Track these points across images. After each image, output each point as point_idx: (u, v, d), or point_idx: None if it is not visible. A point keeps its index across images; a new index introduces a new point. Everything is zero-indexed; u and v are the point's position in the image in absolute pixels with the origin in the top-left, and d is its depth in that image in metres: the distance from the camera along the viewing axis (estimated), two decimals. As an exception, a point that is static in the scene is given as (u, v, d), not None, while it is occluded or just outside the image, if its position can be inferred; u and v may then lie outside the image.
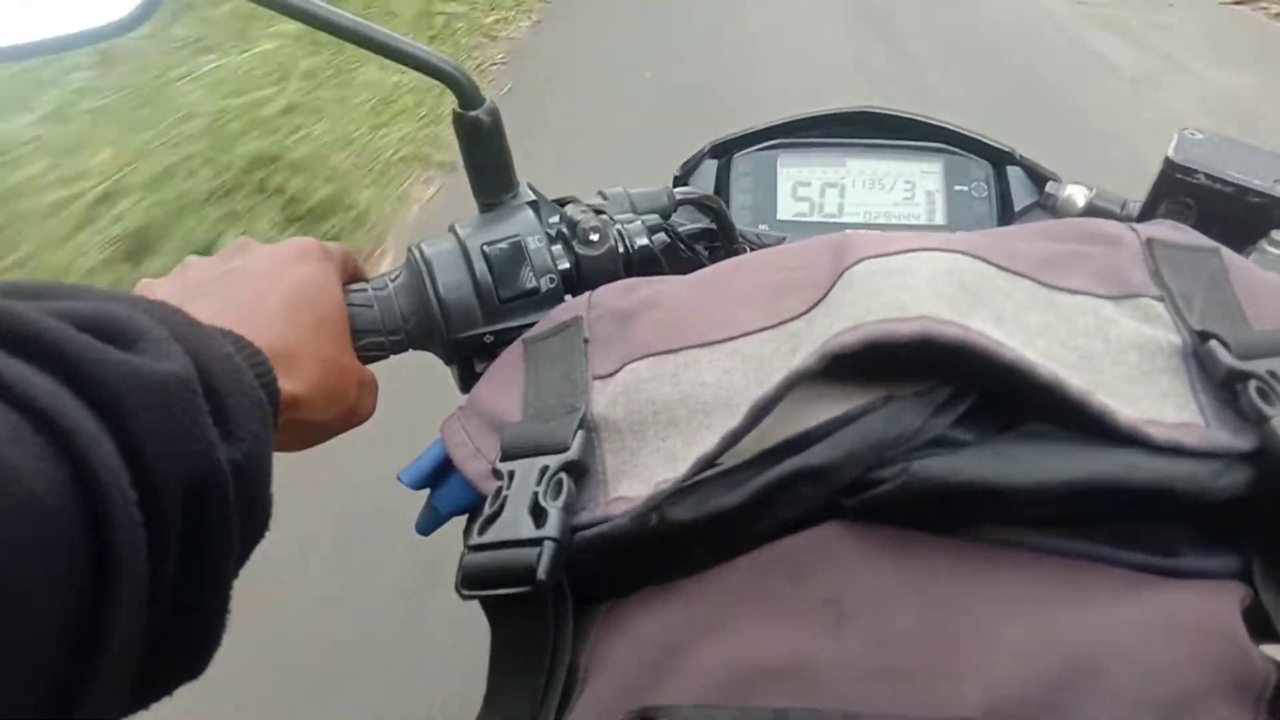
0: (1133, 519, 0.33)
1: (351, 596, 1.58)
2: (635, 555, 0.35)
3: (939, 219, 0.69)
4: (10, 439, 0.23)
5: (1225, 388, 0.34)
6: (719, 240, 0.64)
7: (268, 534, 0.34)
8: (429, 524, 0.49)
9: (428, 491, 0.48)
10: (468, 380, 0.52)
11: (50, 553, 0.23)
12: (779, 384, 0.34)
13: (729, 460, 0.35)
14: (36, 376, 0.25)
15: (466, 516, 0.46)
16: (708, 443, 0.35)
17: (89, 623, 0.24)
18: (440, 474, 0.47)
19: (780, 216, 0.70)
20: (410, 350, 0.51)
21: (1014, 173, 0.70)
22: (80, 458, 0.24)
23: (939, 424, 0.34)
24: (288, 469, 0.39)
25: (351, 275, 0.50)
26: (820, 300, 0.39)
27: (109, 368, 0.26)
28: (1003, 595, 0.32)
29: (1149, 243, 0.41)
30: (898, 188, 0.70)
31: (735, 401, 0.36)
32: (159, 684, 0.29)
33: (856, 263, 0.39)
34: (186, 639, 0.30)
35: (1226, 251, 0.42)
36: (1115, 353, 0.36)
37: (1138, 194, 0.61)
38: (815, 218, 0.70)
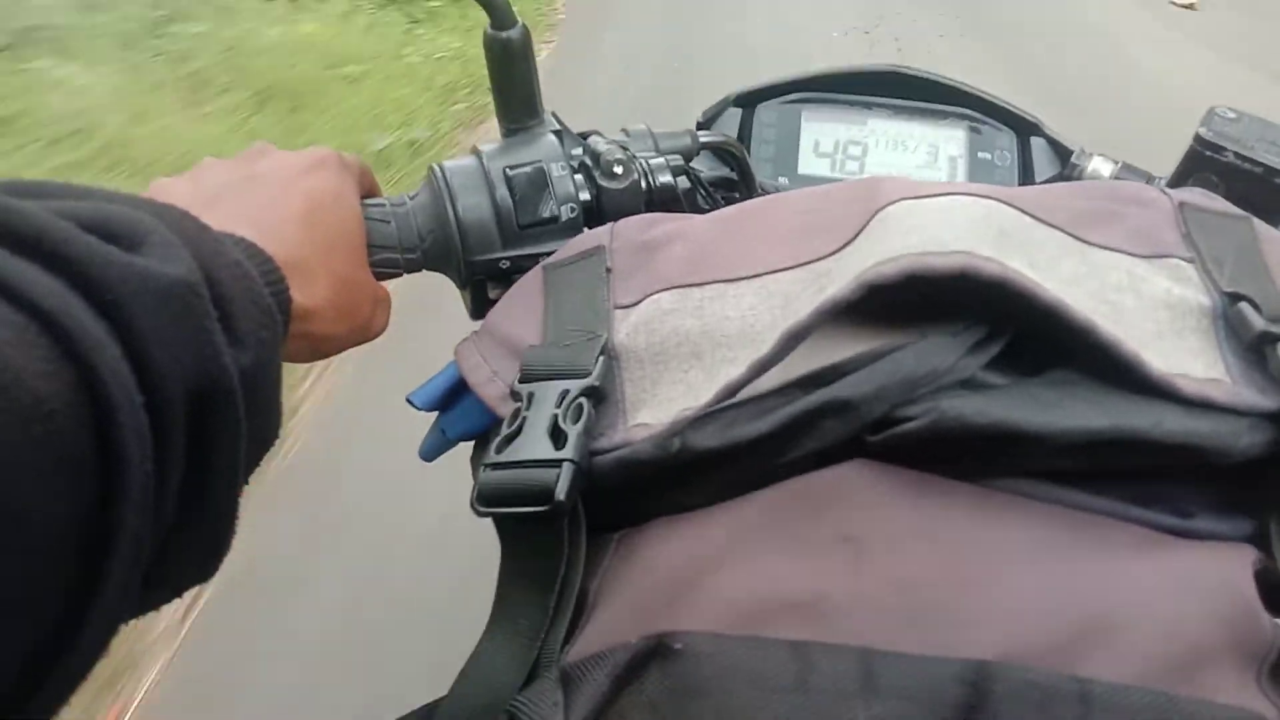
0: (1151, 479, 0.33)
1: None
2: (653, 482, 0.35)
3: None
4: (14, 341, 0.23)
5: (1254, 349, 0.34)
6: (738, 190, 0.63)
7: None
8: (435, 449, 0.48)
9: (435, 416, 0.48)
10: (481, 306, 0.51)
11: (55, 455, 0.23)
12: (813, 312, 0.34)
13: (756, 390, 0.35)
14: (42, 277, 0.24)
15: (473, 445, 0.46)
16: (733, 372, 0.35)
17: (96, 525, 0.24)
18: (451, 397, 0.46)
19: (801, 171, 0.69)
20: (425, 270, 0.51)
21: (1038, 143, 0.69)
22: (85, 361, 0.24)
23: (971, 364, 0.34)
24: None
25: (368, 190, 0.49)
26: (852, 240, 0.38)
27: (115, 270, 0.26)
28: (1020, 544, 0.32)
29: (1181, 206, 0.41)
30: (920, 150, 0.69)
31: (762, 336, 0.36)
32: (168, 587, 0.29)
33: (891, 203, 0.38)
34: (196, 543, 0.29)
35: (1257, 221, 0.41)
36: (1146, 308, 0.35)
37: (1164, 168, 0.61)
38: (836, 174, 0.69)
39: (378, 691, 1.31)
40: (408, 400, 0.47)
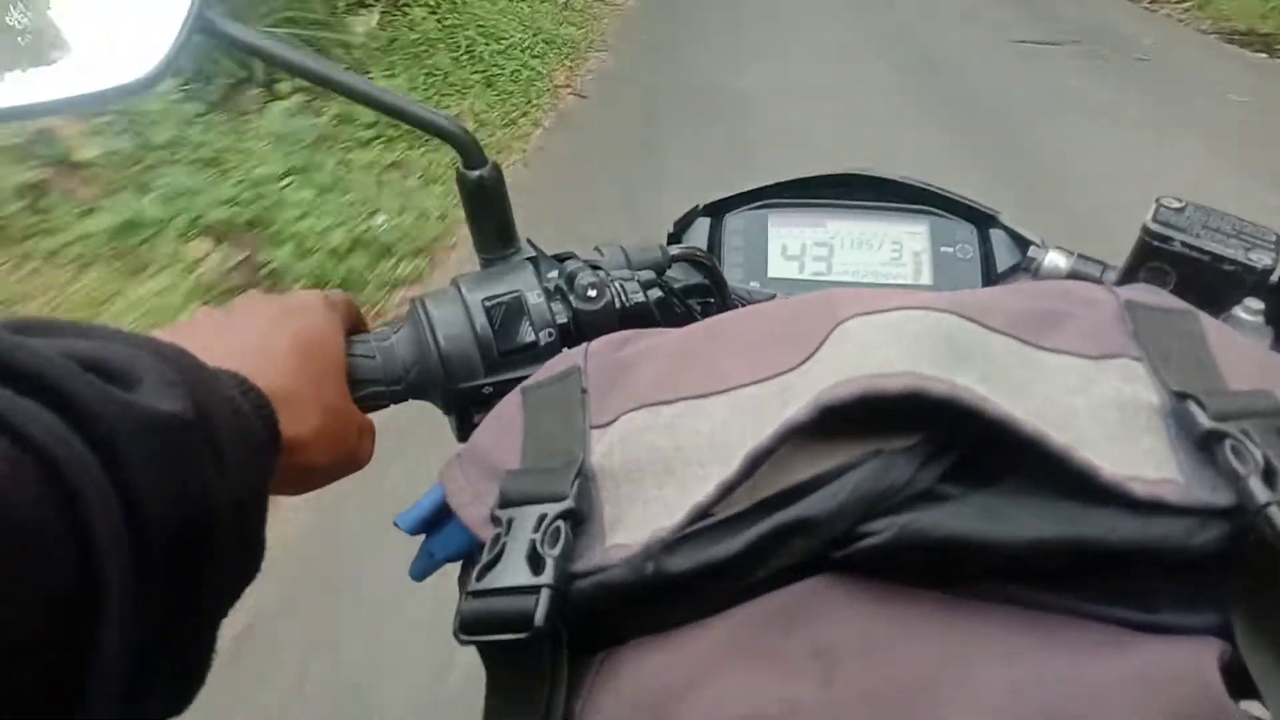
0: (1114, 574, 0.34)
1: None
2: (631, 603, 0.36)
3: (925, 279, 0.71)
4: (6, 473, 0.24)
5: (1202, 447, 0.35)
6: (711, 296, 0.65)
7: None
8: (423, 570, 0.49)
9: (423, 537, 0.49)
10: (465, 430, 0.53)
11: (40, 588, 0.24)
12: (772, 435, 0.35)
13: (724, 510, 0.36)
14: (38, 413, 0.26)
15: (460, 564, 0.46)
16: (703, 492, 0.36)
17: (76, 658, 0.25)
18: (437, 519, 0.47)
19: (771, 274, 0.72)
20: (409, 400, 0.52)
21: (997, 235, 0.72)
22: (74, 494, 0.25)
23: (927, 477, 0.35)
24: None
25: (354, 325, 0.52)
26: (812, 354, 0.40)
27: (109, 407, 0.27)
28: (986, 648, 0.33)
29: (1128, 305, 0.42)
30: (885, 248, 0.72)
31: (730, 451, 0.37)
32: (145, 717, 0.30)
33: (847, 319, 0.40)
34: (173, 674, 0.30)
35: (1203, 315, 0.43)
36: (1096, 410, 0.37)
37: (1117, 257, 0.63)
38: (805, 276, 0.72)
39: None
40: (395, 523, 0.48)
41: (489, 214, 0.55)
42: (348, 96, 0.51)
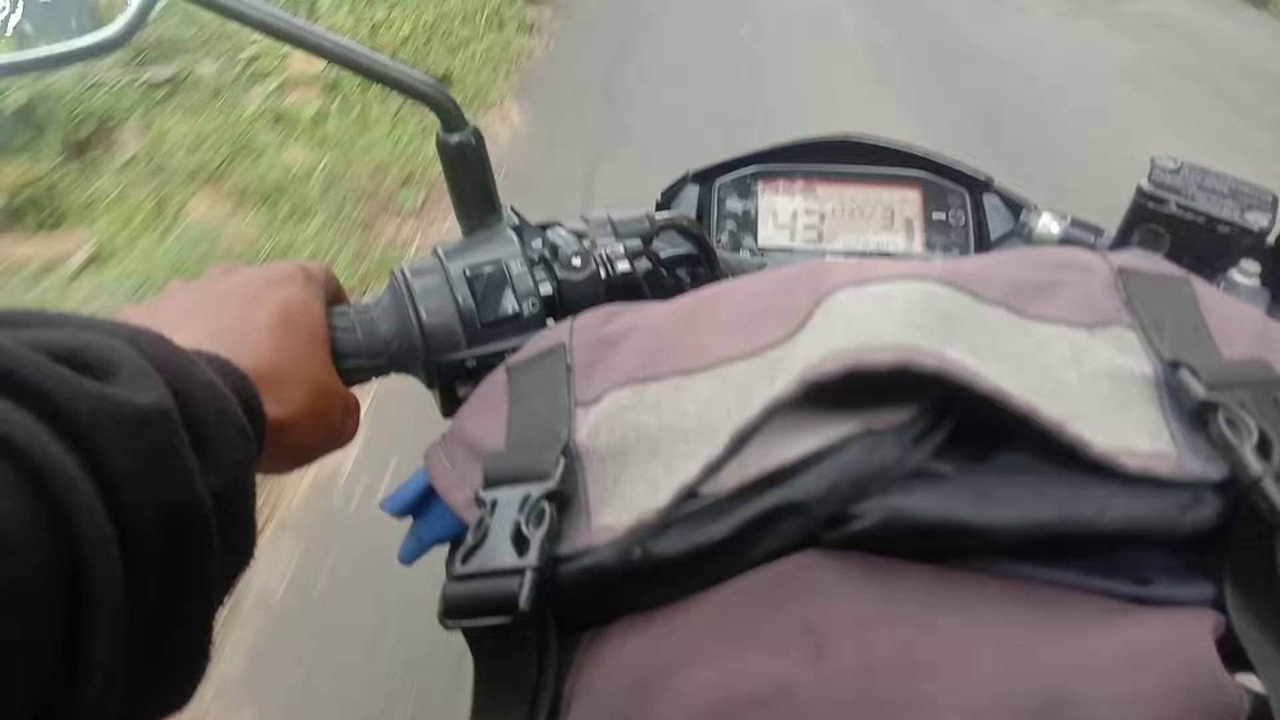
0: (1106, 549, 0.34)
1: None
2: (619, 586, 0.36)
3: (917, 246, 0.70)
4: None
5: (1196, 417, 0.35)
6: (700, 266, 0.64)
7: None
8: (411, 553, 0.49)
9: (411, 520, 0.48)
10: (449, 404, 0.52)
11: (25, 591, 0.23)
12: (758, 413, 0.35)
13: (711, 489, 0.35)
14: (12, 412, 0.25)
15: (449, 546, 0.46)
16: (689, 471, 0.36)
17: (67, 661, 0.24)
18: (423, 502, 0.47)
19: (761, 243, 0.71)
20: (392, 374, 0.51)
21: (990, 200, 0.71)
22: (55, 496, 0.24)
23: (917, 456, 0.34)
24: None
25: (333, 297, 0.50)
26: (799, 328, 0.39)
27: (87, 402, 0.26)
28: (979, 623, 0.32)
29: (1121, 272, 0.42)
30: (877, 215, 0.71)
31: (716, 429, 0.37)
32: (144, 717, 0.29)
33: (834, 291, 0.39)
34: (170, 672, 0.29)
35: (1197, 280, 0.42)
36: (1089, 381, 0.36)
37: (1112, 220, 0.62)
38: (796, 244, 0.71)
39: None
40: (381, 506, 0.47)
41: (470, 180, 0.53)
42: (323, 56, 0.49)
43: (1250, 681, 0.32)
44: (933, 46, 4.37)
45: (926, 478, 0.34)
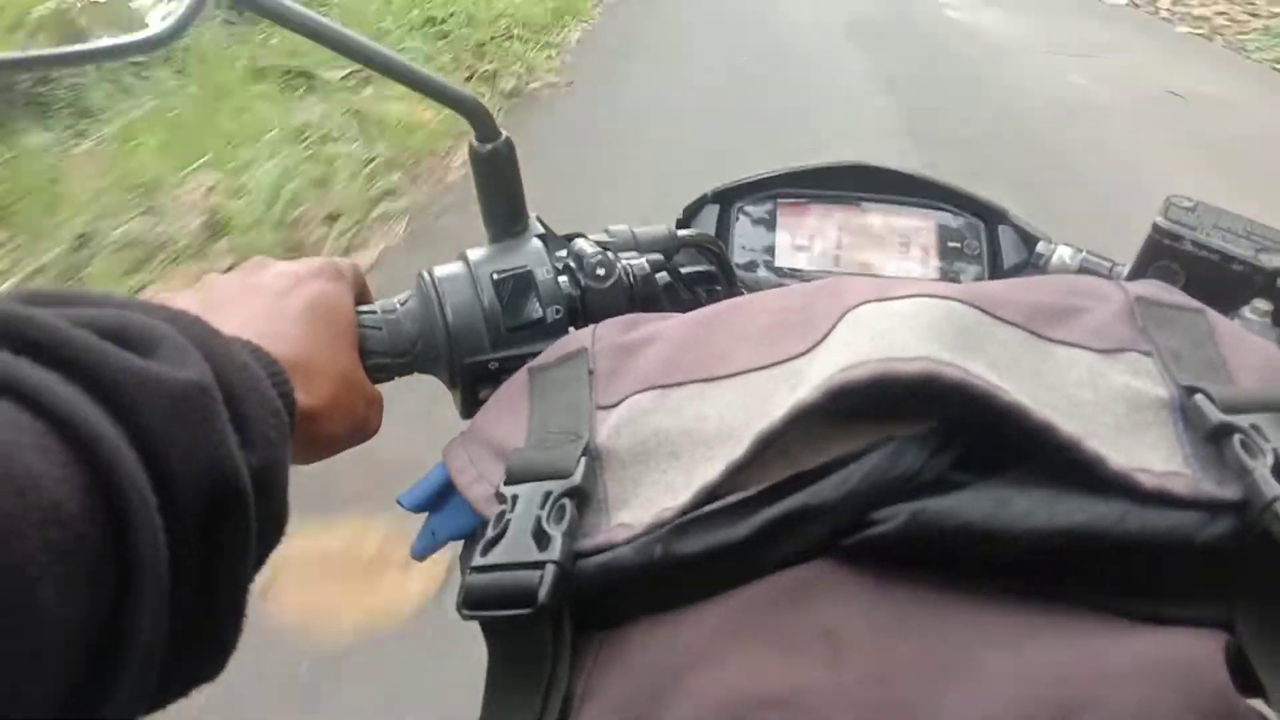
0: (1119, 565, 0.34)
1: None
2: (636, 584, 0.36)
3: (932, 274, 0.71)
4: (33, 446, 0.24)
5: (1211, 441, 0.35)
6: (718, 283, 0.65)
7: None
8: (425, 548, 0.49)
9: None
10: (470, 406, 0.53)
11: (73, 559, 0.24)
12: (783, 415, 0.35)
13: (732, 493, 0.36)
14: (59, 385, 0.25)
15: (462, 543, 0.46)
16: (710, 473, 0.36)
17: (111, 627, 0.25)
18: (440, 498, 0.47)
19: (778, 264, 0.71)
20: (414, 373, 0.52)
21: (1005, 232, 0.71)
22: (102, 466, 0.25)
23: (938, 465, 0.35)
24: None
25: (361, 295, 0.51)
26: (821, 340, 0.40)
27: (129, 375, 0.27)
28: (994, 633, 0.33)
29: (1137, 300, 0.42)
30: (892, 242, 0.72)
31: (738, 434, 0.37)
32: (177, 686, 0.30)
33: (859, 305, 0.40)
34: (206, 642, 0.30)
35: (1211, 312, 0.43)
36: (1105, 403, 0.37)
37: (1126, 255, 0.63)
38: (812, 267, 0.72)
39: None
40: (398, 501, 0.48)
41: (499, 188, 0.54)
42: (360, 62, 0.50)
43: (1258, 705, 0.32)
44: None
45: (948, 486, 0.35)
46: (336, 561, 1.73)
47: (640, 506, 0.37)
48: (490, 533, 0.38)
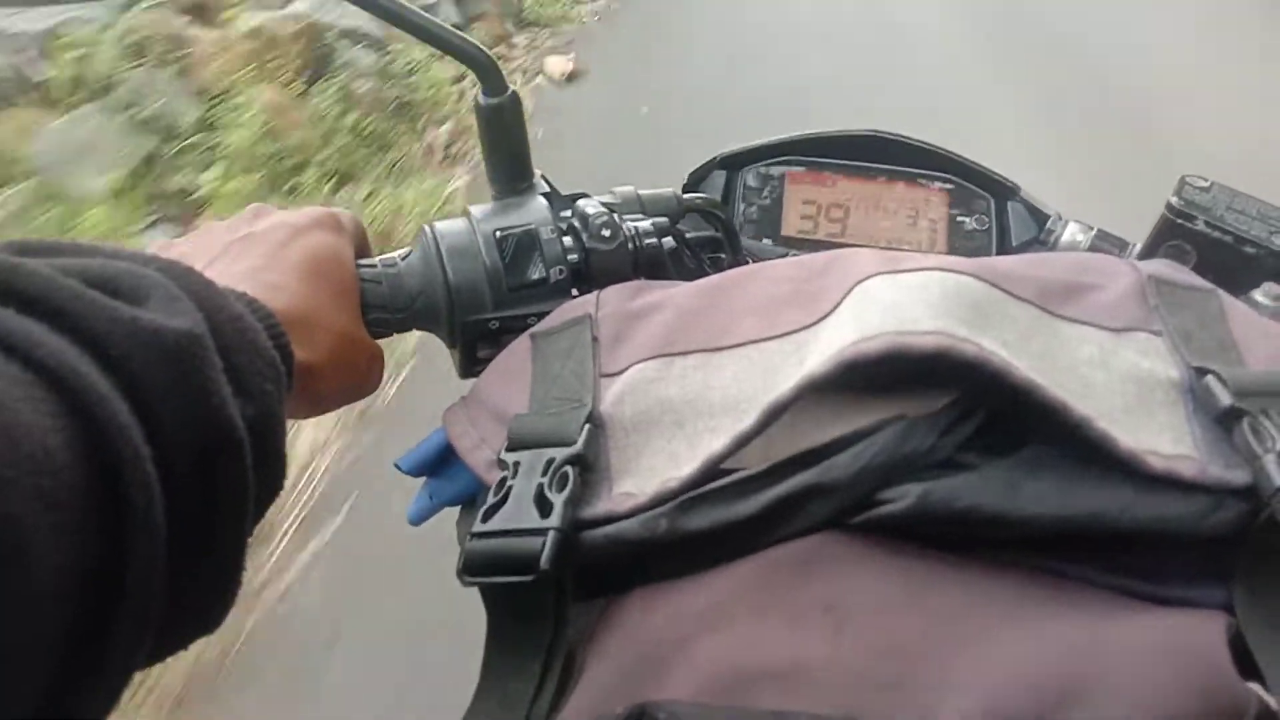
0: (1124, 546, 0.34)
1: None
2: (639, 555, 0.36)
3: (940, 247, 0.70)
4: (22, 397, 0.23)
5: (1220, 424, 0.35)
6: (723, 251, 0.64)
7: None
8: (421, 513, 0.49)
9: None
10: (469, 365, 0.52)
11: (65, 510, 0.23)
12: (793, 387, 0.35)
13: (738, 468, 0.35)
14: (47, 335, 0.25)
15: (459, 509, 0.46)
16: (716, 444, 0.36)
17: (108, 577, 0.24)
18: (440, 462, 0.47)
19: (784, 232, 0.71)
20: (414, 329, 0.51)
21: (1015, 208, 0.71)
22: (93, 416, 0.24)
23: (947, 445, 0.34)
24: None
25: (361, 249, 0.50)
26: (829, 313, 0.39)
27: (120, 325, 0.27)
28: (998, 609, 0.32)
29: (1149, 279, 0.42)
30: (901, 213, 0.71)
31: (744, 405, 0.37)
32: (175, 638, 0.29)
33: (868, 277, 0.39)
34: (203, 594, 0.30)
35: (1223, 294, 0.43)
36: (1115, 383, 0.36)
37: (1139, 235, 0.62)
38: (819, 236, 0.71)
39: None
40: (395, 465, 0.47)
41: (505, 144, 0.53)
42: (369, 10, 0.49)
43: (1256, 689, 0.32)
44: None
45: (956, 467, 0.34)
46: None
47: (644, 475, 0.37)
48: (491, 499, 0.37)
